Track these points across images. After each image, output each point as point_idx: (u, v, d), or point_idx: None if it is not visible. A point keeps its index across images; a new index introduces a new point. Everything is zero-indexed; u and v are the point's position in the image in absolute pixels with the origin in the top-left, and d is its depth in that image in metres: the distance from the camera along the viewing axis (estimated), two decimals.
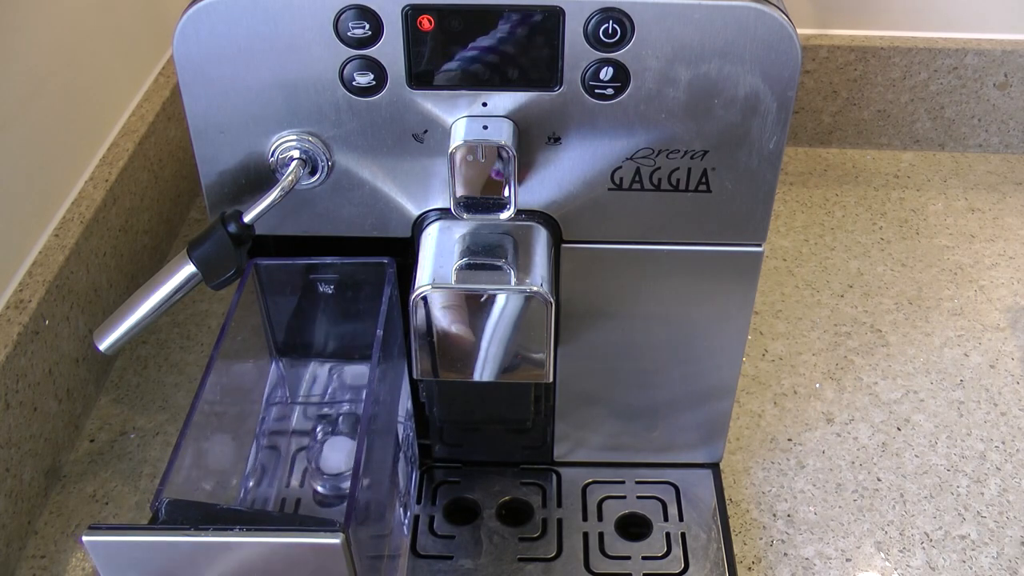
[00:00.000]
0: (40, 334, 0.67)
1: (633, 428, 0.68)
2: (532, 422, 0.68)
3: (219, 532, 0.43)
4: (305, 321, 0.62)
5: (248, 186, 0.54)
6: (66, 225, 0.73)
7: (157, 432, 0.74)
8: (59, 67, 0.74)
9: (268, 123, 0.52)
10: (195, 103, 0.52)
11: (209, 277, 0.53)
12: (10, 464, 0.63)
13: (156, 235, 0.87)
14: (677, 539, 0.65)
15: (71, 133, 0.77)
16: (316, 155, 0.53)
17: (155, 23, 0.91)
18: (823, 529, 0.67)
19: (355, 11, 0.48)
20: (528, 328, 0.53)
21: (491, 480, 0.69)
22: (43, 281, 0.68)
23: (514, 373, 0.56)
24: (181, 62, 0.51)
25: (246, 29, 0.49)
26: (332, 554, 0.43)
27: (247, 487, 0.59)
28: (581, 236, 0.57)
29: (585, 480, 0.69)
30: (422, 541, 0.65)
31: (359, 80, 0.50)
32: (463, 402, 0.66)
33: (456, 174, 0.51)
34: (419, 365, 0.55)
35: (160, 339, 0.81)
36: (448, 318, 0.53)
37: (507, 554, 0.64)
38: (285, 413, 0.66)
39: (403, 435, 0.63)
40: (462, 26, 0.49)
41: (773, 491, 0.69)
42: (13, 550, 0.64)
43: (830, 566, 0.64)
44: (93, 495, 0.69)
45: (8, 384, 0.63)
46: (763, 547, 0.66)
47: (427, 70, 0.50)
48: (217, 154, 0.54)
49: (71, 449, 0.72)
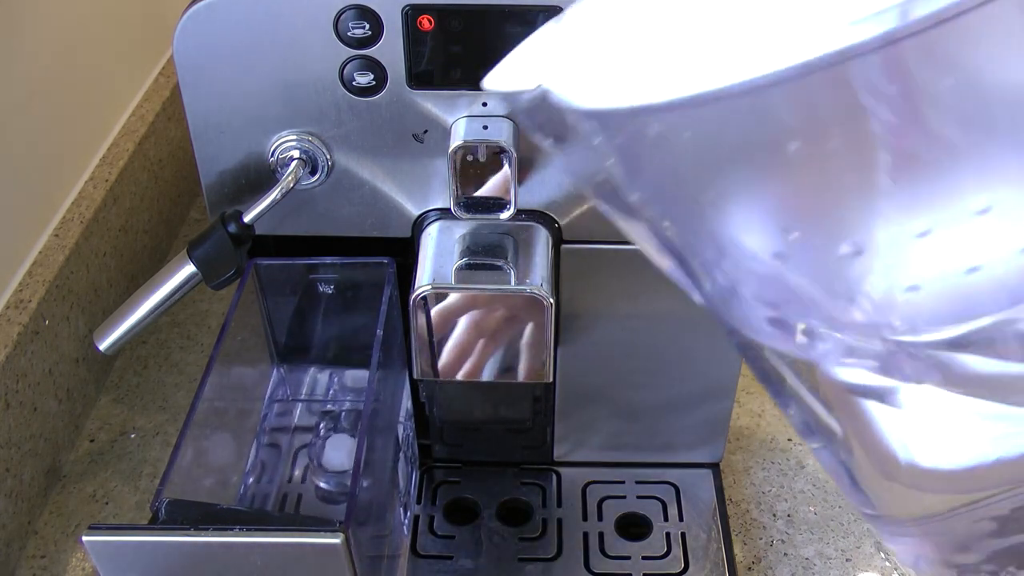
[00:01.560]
0: (40, 334, 0.67)
1: (633, 428, 0.68)
2: (532, 422, 0.68)
3: (219, 532, 0.43)
4: (305, 321, 0.62)
5: (248, 186, 0.54)
6: (66, 225, 0.73)
7: (157, 432, 0.74)
8: (59, 67, 0.74)
9: (268, 123, 0.52)
10: (195, 103, 0.52)
11: (209, 277, 0.53)
12: (10, 464, 0.63)
13: (156, 235, 0.87)
14: (677, 539, 0.65)
15: (71, 133, 0.77)
16: (316, 155, 0.53)
17: (155, 23, 0.91)
18: (823, 529, 0.67)
19: (355, 11, 0.48)
20: (528, 328, 0.53)
21: (491, 480, 0.69)
22: (43, 281, 0.68)
23: (514, 373, 0.56)
24: (181, 62, 0.51)
25: (246, 29, 0.49)
26: (332, 554, 0.43)
27: (247, 484, 0.59)
28: (581, 236, 0.57)
29: (585, 480, 0.69)
30: (422, 541, 0.65)
31: (359, 80, 0.50)
32: (463, 402, 0.66)
33: (456, 174, 0.51)
34: (419, 365, 0.55)
35: (160, 339, 0.81)
36: (448, 318, 0.53)
37: (507, 554, 0.64)
38: (286, 411, 0.66)
39: (403, 435, 0.63)
40: (462, 26, 0.49)
41: (773, 491, 0.69)
42: (13, 550, 0.64)
43: (830, 566, 0.64)
44: (93, 495, 0.69)
45: (8, 384, 0.63)
46: (763, 547, 0.66)
47: (427, 70, 0.50)
48: (217, 154, 0.54)
49: (71, 449, 0.72)
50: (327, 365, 0.66)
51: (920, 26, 0.22)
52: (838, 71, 0.24)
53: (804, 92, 0.24)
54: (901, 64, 0.24)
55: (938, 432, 0.31)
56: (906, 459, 0.32)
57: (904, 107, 0.25)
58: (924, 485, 0.33)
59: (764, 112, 0.26)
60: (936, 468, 0.32)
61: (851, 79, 0.24)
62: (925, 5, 0.22)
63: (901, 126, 0.25)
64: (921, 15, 0.22)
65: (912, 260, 0.27)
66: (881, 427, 0.32)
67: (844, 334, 0.29)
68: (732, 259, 0.31)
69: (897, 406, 0.30)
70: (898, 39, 0.23)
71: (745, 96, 0.24)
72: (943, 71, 0.25)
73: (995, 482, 0.31)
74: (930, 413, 0.31)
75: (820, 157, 0.27)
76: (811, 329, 0.30)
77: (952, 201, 0.26)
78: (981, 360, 0.28)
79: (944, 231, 0.27)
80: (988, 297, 0.27)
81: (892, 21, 0.22)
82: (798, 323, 0.30)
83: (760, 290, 0.31)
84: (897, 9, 0.22)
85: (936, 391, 0.30)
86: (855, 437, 0.33)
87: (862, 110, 0.25)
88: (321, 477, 0.62)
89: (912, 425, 0.31)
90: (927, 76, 0.25)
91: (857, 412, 0.32)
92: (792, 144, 0.26)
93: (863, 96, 0.25)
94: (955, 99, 0.25)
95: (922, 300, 0.28)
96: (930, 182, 0.26)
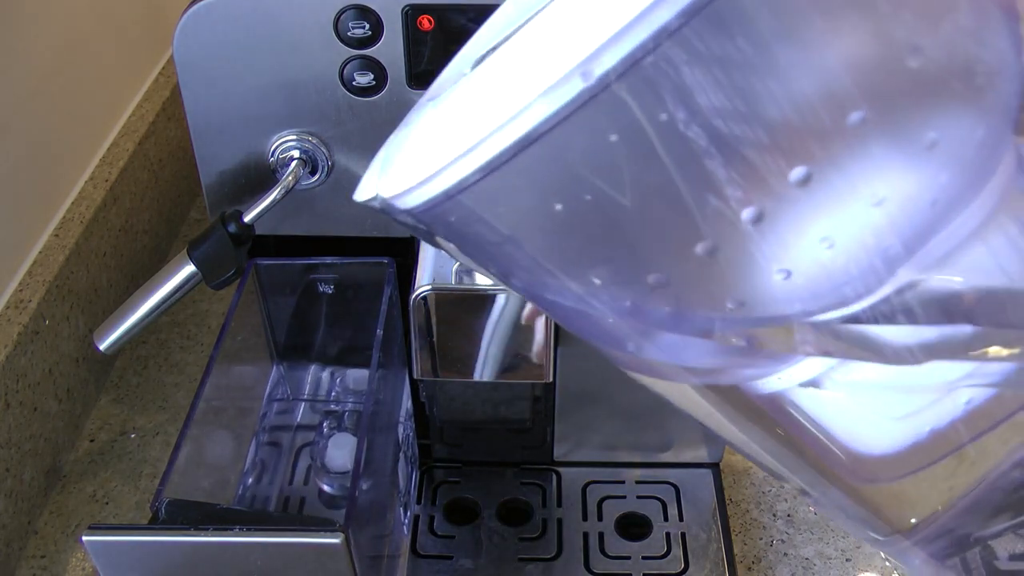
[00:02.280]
0: (40, 334, 0.67)
1: (633, 428, 0.68)
2: (532, 422, 0.68)
3: (219, 532, 0.43)
4: (305, 321, 0.62)
5: (248, 186, 0.54)
6: (66, 225, 0.73)
7: (157, 432, 0.74)
8: (59, 67, 0.74)
9: (268, 123, 0.52)
10: (195, 103, 0.52)
11: (209, 277, 0.53)
12: (10, 464, 0.63)
13: (156, 235, 0.87)
14: (677, 539, 0.65)
15: (71, 133, 0.77)
16: (316, 155, 0.53)
17: (155, 23, 0.91)
18: (823, 529, 0.67)
19: (355, 11, 0.48)
20: (528, 328, 0.53)
21: (491, 480, 0.69)
22: (43, 281, 0.68)
23: (514, 373, 0.56)
24: (181, 62, 0.51)
25: (246, 29, 0.49)
26: (332, 554, 0.43)
27: (246, 484, 0.59)
28: None
29: (585, 480, 0.69)
30: (422, 541, 0.65)
31: (359, 80, 0.50)
32: (463, 402, 0.66)
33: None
34: (419, 365, 0.55)
35: (160, 339, 0.81)
36: (448, 318, 0.53)
37: (507, 554, 0.64)
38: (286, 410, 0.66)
39: (403, 435, 0.63)
40: (462, 26, 0.49)
41: (773, 491, 0.69)
42: (13, 550, 0.64)
43: (830, 566, 0.64)
44: (93, 495, 0.69)
45: (8, 384, 0.63)
46: (763, 547, 0.66)
47: (427, 70, 0.50)
48: (217, 154, 0.54)
49: (71, 449, 0.72)
50: (327, 365, 0.66)
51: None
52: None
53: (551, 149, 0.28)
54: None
55: (872, 417, 0.34)
56: (858, 452, 0.34)
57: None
58: (883, 474, 0.35)
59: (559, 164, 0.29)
60: (885, 453, 0.34)
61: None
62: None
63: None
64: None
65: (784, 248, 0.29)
66: (827, 427, 0.34)
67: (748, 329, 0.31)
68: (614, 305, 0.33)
69: (823, 386, 0.32)
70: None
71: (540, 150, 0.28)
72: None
73: (937, 452, 0.34)
74: (856, 396, 0.33)
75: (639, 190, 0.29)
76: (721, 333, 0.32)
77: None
78: (876, 328, 0.31)
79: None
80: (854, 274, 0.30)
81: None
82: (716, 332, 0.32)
83: (661, 322, 0.32)
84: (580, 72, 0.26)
85: (851, 367, 0.32)
86: (810, 448, 0.35)
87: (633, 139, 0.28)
88: (324, 478, 0.62)
89: (849, 416, 0.34)
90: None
91: (799, 420, 0.34)
92: (596, 193, 0.29)
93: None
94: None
95: (799, 283, 0.30)
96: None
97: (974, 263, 0.30)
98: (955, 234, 0.30)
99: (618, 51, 0.26)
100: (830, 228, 0.29)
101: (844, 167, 0.28)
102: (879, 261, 0.29)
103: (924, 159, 0.29)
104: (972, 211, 0.30)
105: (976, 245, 0.30)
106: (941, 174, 0.29)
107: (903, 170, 0.29)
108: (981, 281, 0.30)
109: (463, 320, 0.53)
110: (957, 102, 0.29)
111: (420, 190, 0.30)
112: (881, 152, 0.28)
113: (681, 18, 0.25)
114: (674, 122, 0.27)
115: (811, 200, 0.28)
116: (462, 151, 0.29)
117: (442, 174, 0.29)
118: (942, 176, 0.29)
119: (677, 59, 0.26)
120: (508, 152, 0.28)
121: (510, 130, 0.27)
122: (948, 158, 0.29)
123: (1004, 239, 0.30)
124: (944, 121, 0.28)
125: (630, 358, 0.36)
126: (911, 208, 0.29)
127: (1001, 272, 0.31)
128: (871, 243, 0.29)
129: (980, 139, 0.29)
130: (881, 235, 0.29)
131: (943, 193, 0.29)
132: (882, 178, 0.28)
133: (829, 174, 0.28)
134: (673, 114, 0.27)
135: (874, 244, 0.29)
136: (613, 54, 0.26)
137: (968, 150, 0.29)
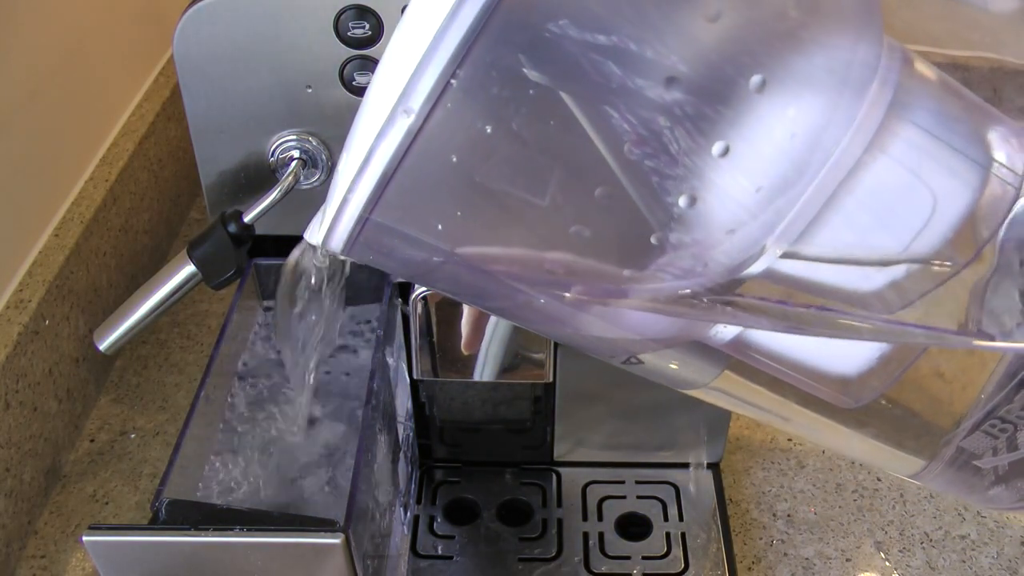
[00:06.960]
0: (40, 334, 0.67)
1: (633, 428, 0.68)
2: (532, 422, 0.68)
3: (219, 532, 0.43)
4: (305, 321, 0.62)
5: (248, 186, 0.54)
6: (66, 225, 0.73)
7: (157, 432, 0.74)
8: (59, 67, 0.74)
9: (268, 123, 0.52)
10: (195, 103, 0.52)
11: (209, 277, 0.53)
12: (10, 464, 0.63)
13: (156, 235, 0.87)
14: (677, 539, 0.65)
15: (71, 133, 0.77)
16: (316, 155, 0.53)
17: (155, 23, 0.91)
18: (823, 529, 0.67)
19: (355, 11, 0.48)
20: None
21: (491, 480, 0.69)
22: (43, 281, 0.68)
23: (514, 373, 0.56)
24: (181, 62, 0.51)
25: (246, 29, 0.49)
26: (332, 554, 0.43)
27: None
28: None
29: (585, 480, 0.69)
30: (422, 541, 0.65)
31: (359, 80, 0.50)
32: (463, 402, 0.66)
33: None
34: (419, 365, 0.55)
35: (160, 339, 0.81)
36: (448, 318, 0.53)
37: (507, 554, 0.64)
38: None
39: (403, 435, 0.63)
40: None
41: (773, 491, 0.69)
42: (13, 550, 0.64)
43: (830, 566, 0.64)
44: (93, 495, 0.69)
45: (8, 384, 0.63)
46: (763, 547, 0.66)
47: None
48: (217, 154, 0.53)
49: (71, 449, 0.72)
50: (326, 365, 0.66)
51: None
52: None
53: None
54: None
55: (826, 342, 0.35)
56: (837, 374, 0.36)
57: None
58: (868, 391, 0.36)
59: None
60: (861, 370, 0.35)
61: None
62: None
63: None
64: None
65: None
66: (796, 360, 0.36)
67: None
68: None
69: (791, 308, 0.34)
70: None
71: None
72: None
73: (908, 353, 0.35)
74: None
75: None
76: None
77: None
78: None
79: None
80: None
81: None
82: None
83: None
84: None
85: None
86: (797, 386, 0.37)
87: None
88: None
89: (808, 346, 0.35)
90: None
91: (768, 361, 0.36)
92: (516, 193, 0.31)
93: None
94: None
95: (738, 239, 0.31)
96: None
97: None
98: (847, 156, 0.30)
99: (424, 84, 0.28)
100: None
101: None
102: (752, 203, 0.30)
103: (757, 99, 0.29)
104: (858, 127, 0.30)
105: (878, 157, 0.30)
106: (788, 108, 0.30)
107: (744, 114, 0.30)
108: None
109: (463, 320, 0.53)
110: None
111: (339, 226, 0.33)
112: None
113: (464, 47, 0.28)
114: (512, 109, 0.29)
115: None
116: (354, 174, 0.31)
117: (348, 203, 0.32)
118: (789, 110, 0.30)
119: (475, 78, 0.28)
120: (392, 163, 0.30)
121: (379, 156, 0.30)
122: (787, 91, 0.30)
123: (904, 144, 0.31)
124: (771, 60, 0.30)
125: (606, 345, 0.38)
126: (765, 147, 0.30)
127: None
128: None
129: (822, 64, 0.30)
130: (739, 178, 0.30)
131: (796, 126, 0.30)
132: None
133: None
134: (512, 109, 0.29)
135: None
136: (421, 87, 0.28)
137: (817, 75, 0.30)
